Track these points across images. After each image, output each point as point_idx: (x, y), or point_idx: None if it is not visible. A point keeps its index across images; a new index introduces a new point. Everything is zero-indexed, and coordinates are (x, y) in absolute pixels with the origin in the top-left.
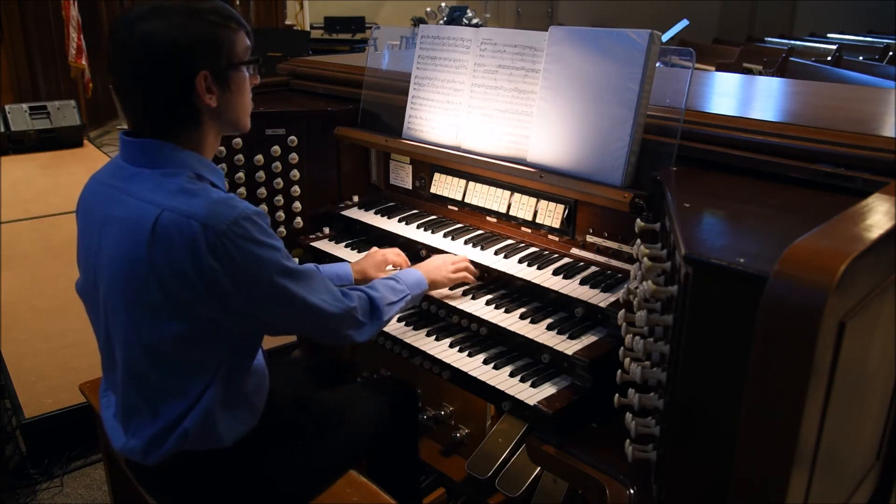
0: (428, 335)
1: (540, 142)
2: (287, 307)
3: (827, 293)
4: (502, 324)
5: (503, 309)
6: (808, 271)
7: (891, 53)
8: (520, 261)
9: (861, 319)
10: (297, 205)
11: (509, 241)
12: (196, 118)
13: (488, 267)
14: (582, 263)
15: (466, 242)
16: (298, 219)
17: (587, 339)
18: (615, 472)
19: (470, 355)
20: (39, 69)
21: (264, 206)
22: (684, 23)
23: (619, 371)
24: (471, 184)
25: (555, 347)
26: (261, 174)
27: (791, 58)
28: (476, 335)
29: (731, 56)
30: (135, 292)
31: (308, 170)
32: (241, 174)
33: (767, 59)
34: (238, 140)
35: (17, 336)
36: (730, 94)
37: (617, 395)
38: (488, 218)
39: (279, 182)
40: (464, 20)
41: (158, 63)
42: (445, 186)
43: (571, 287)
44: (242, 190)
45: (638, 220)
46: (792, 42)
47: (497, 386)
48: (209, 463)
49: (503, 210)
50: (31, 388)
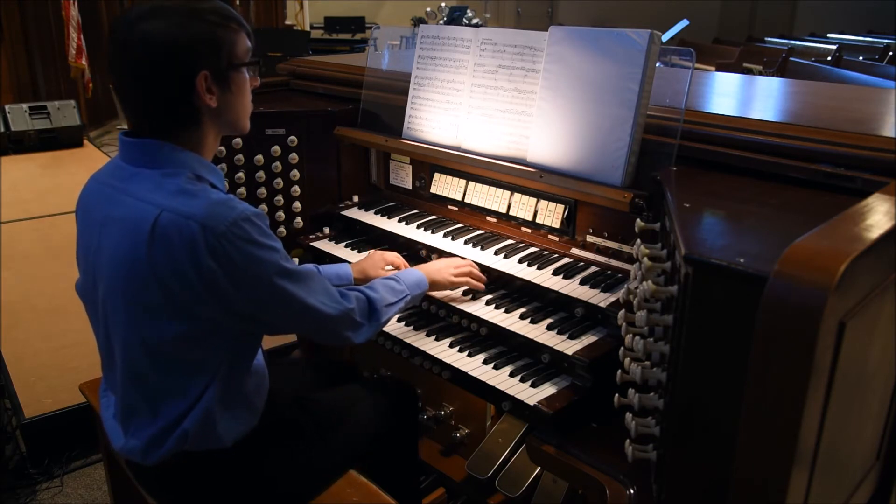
0: (428, 335)
1: (540, 142)
2: (286, 308)
3: (827, 293)
4: (502, 324)
5: (503, 309)
6: (808, 271)
7: (891, 53)
8: (520, 261)
9: (861, 319)
10: (297, 205)
11: (509, 241)
12: (196, 118)
13: (488, 267)
14: (582, 263)
15: (466, 242)
16: (298, 219)
17: (587, 339)
18: (615, 472)
19: (470, 355)
20: (39, 69)
21: (264, 206)
22: (684, 23)
23: (619, 371)
24: (471, 184)
25: (555, 347)
26: (261, 174)
27: (791, 58)
28: (476, 335)
29: (731, 56)
30: (134, 292)
31: (308, 170)
32: (241, 174)
33: (767, 59)
34: (238, 140)
35: (17, 336)
36: (730, 94)
37: (617, 395)
38: (488, 218)
39: (279, 182)
40: (464, 20)
41: (158, 63)
42: (445, 186)
43: (571, 287)
44: (242, 190)
45: (638, 220)
46: (792, 42)
47: (497, 386)
48: (209, 463)
49: (503, 210)
50: (31, 388)
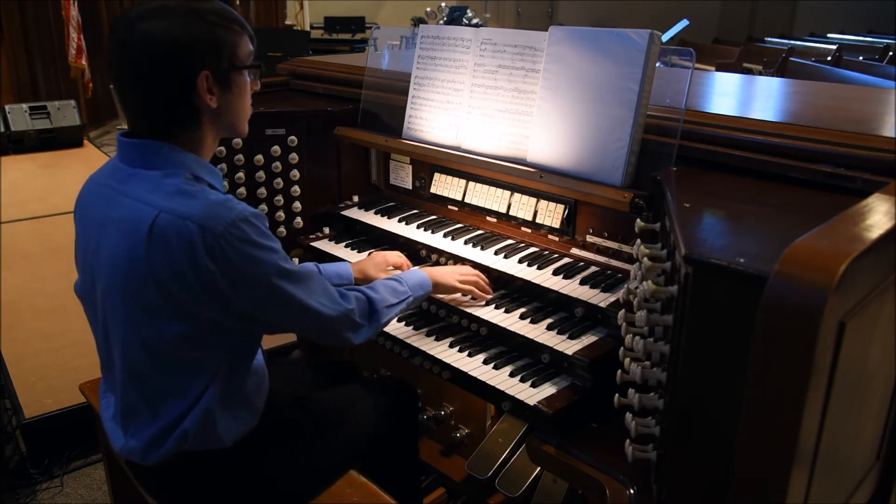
0: (428, 335)
1: (540, 142)
2: (284, 309)
3: (827, 293)
4: (502, 324)
5: (503, 309)
6: (808, 271)
7: (891, 53)
8: (520, 261)
9: (861, 319)
10: (297, 205)
11: (509, 241)
12: (195, 118)
13: (488, 267)
14: (582, 263)
15: (466, 242)
16: (298, 219)
17: (587, 339)
18: (615, 472)
19: (470, 355)
20: (39, 69)
21: (264, 206)
22: (684, 23)
23: (619, 371)
24: (471, 184)
25: (555, 347)
26: (261, 174)
27: (791, 58)
28: (476, 335)
29: (731, 56)
30: (133, 293)
31: (308, 170)
32: (241, 174)
33: (767, 59)
34: (238, 140)
35: (17, 336)
36: (730, 94)
37: (617, 395)
38: (488, 218)
39: (279, 182)
40: (464, 20)
41: (159, 62)
42: (445, 186)
43: (571, 287)
44: (242, 190)
45: (638, 220)
46: (792, 42)
47: (497, 386)
48: (209, 463)
49: (503, 210)
50: (31, 388)
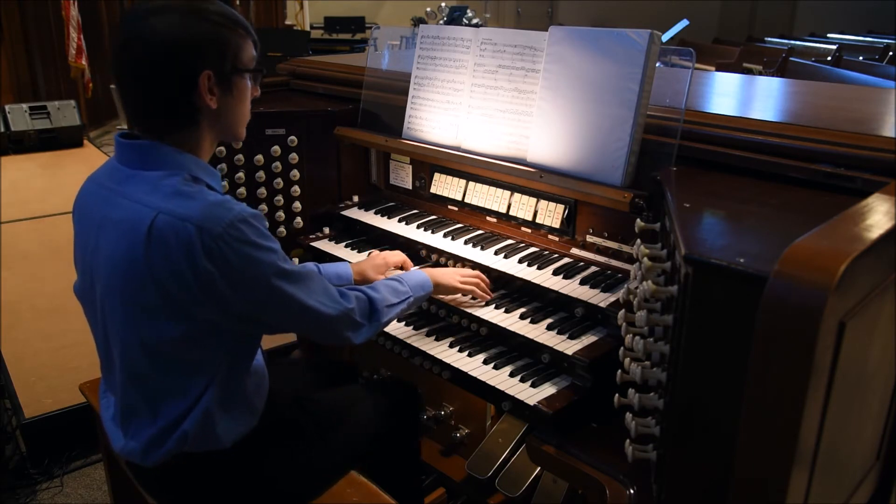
0: (428, 335)
1: (540, 142)
2: (284, 309)
3: (827, 293)
4: (502, 324)
5: (503, 309)
6: (808, 271)
7: (891, 53)
8: (520, 261)
9: (861, 319)
10: (297, 205)
11: (509, 241)
12: (195, 118)
13: (488, 267)
14: (582, 263)
15: (466, 242)
16: (298, 219)
17: (587, 339)
18: (615, 472)
19: (470, 355)
20: (39, 69)
21: (264, 206)
22: (684, 23)
23: (619, 371)
24: (471, 184)
25: (555, 347)
26: (261, 174)
27: (791, 58)
28: (476, 335)
29: (731, 56)
30: (132, 293)
31: (308, 170)
32: (241, 174)
33: (767, 59)
34: None
35: (17, 336)
36: (730, 94)
37: (617, 395)
38: (488, 218)
39: (279, 182)
40: (464, 20)
41: (163, 58)
42: (445, 186)
43: (571, 287)
44: (242, 190)
45: (638, 220)
46: (792, 42)
47: (497, 386)
48: (209, 464)
49: (503, 210)
50: (31, 388)
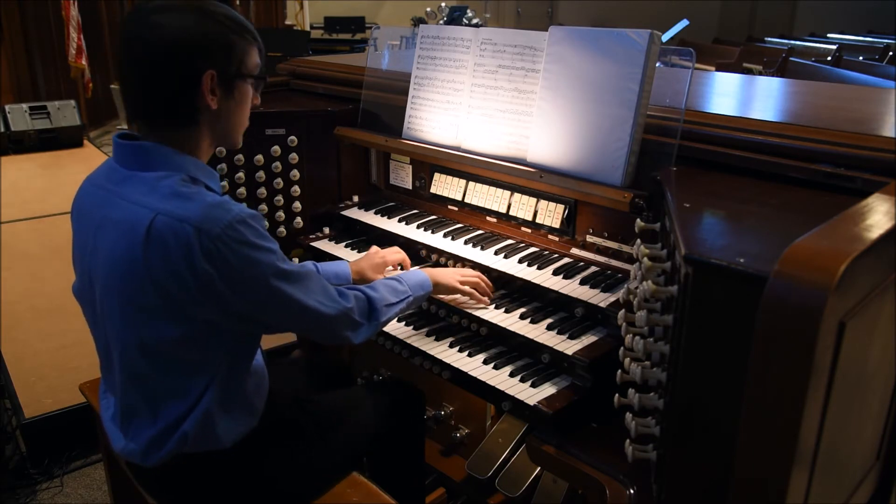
0: (428, 335)
1: (540, 142)
2: (283, 309)
3: (827, 293)
4: (502, 324)
5: (503, 309)
6: (808, 271)
7: (891, 53)
8: (520, 261)
9: (861, 319)
10: (297, 205)
11: (509, 241)
12: (194, 119)
13: (488, 267)
14: (582, 263)
15: (466, 242)
16: (298, 219)
17: (587, 339)
18: (615, 472)
19: (470, 355)
20: (39, 69)
21: (264, 206)
22: (684, 23)
23: (619, 371)
24: (471, 184)
25: (555, 347)
26: (261, 174)
27: (791, 58)
28: (476, 335)
29: (731, 56)
30: (131, 294)
31: (308, 170)
32: (241, 174)
33: (767, 59)
34: None
35: (17, 336)
36: (730, 94)
37: (617, 395)
38: (488, 218)
39: (279, 182)
40: (464, 20)
41: (169, 54)
42: (445, 186)
43: (571, 287)
44: (242, 190)
45: (638, 220)
46: (792, 42)
47: (497, 386)
48: (209, 464)
49: (503, 210)
50: (31, 388)
